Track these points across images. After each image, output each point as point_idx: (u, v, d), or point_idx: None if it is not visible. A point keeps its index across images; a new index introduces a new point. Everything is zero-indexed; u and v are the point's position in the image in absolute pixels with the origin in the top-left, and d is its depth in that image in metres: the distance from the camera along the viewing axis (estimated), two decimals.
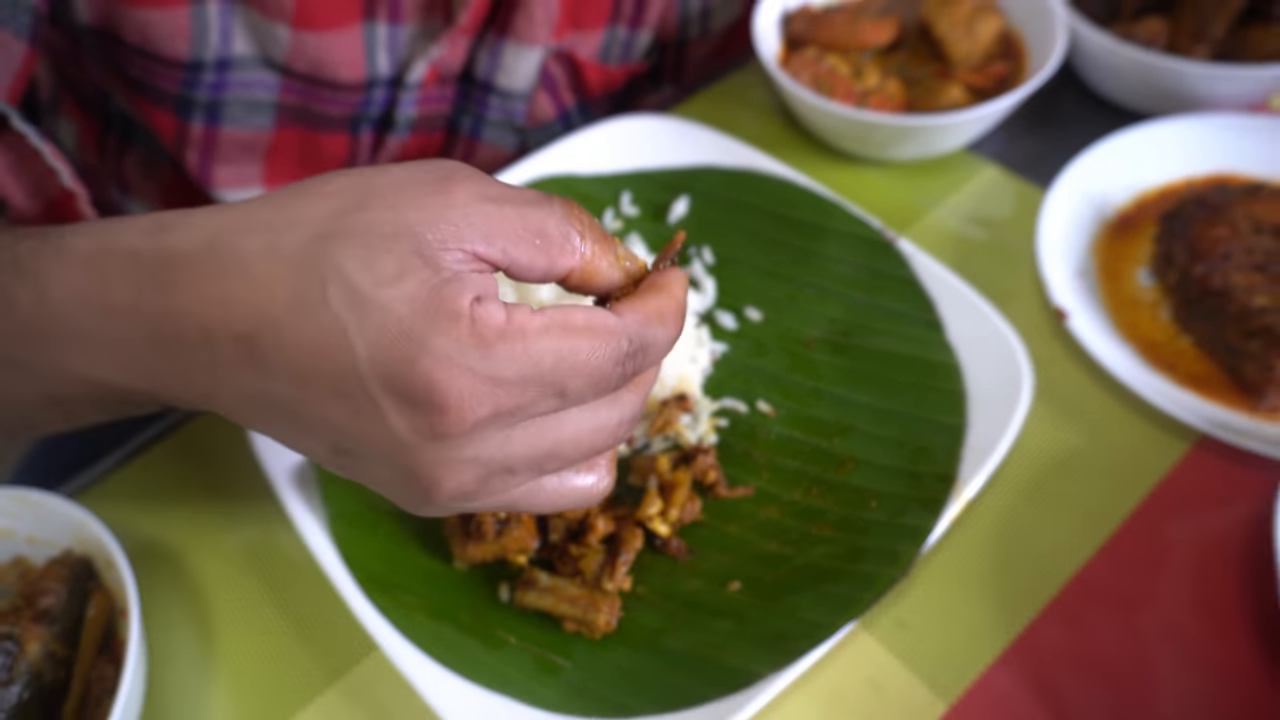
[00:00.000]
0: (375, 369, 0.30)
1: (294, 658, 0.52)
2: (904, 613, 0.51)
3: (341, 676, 0.51)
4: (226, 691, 0.51)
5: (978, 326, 0.57)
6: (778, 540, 0.52)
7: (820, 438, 0.56)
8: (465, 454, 0.32)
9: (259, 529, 0.57)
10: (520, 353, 0.31)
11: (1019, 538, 0.53)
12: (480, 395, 0.30)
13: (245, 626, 0.53)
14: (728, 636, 0.48)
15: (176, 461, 0.61)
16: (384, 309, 0.30)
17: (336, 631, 0.53)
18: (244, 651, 0.52)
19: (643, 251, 0.66)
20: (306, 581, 0.55)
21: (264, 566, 0.56)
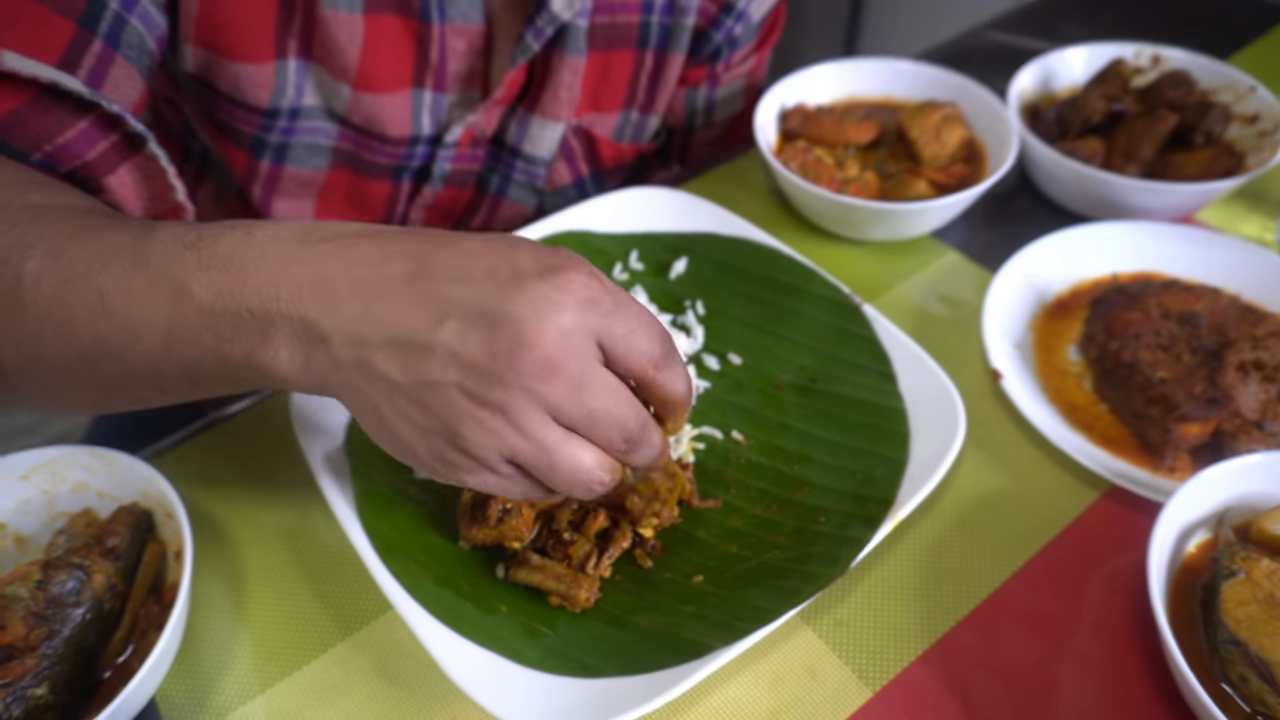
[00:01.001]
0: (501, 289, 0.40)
1: (313, 615, 0.60)
2: (843, 614, 0.59)
3: (354, 633, 0.59)
4: (253, 638, 0.59)
5: (924, 380, 0.67)
6: (739, 544, 0.61)
7: (783, 464, 0.65)
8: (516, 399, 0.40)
9: (292, 505, 0.66)
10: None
11: (947, 559, 0.61)
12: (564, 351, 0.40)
13: (272, 586, 0.62)
14: (688, 617, 0.56)
15: (226, 445, 0.70)
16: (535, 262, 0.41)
17: (352, 595, 0.61)
18: (270, 607, 0.61)
19: (644, 299, 0.76)
20: (329, 552, 0.63)
21: (293, 537, 0.64)
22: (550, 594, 0.58)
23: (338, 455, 0.64)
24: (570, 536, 0.60)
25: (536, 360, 0.40)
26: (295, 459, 0.66)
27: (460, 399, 0.40)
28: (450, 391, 0.40)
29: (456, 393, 0.40)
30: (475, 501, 0.60)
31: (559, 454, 0.43)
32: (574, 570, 0.58)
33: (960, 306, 0.78)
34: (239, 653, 0.58)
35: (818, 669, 0.56)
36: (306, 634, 0.59)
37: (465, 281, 0.40)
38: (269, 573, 0.62)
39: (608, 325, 0.42)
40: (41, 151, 0.56)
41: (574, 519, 0.61)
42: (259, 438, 0.70)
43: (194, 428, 0.71)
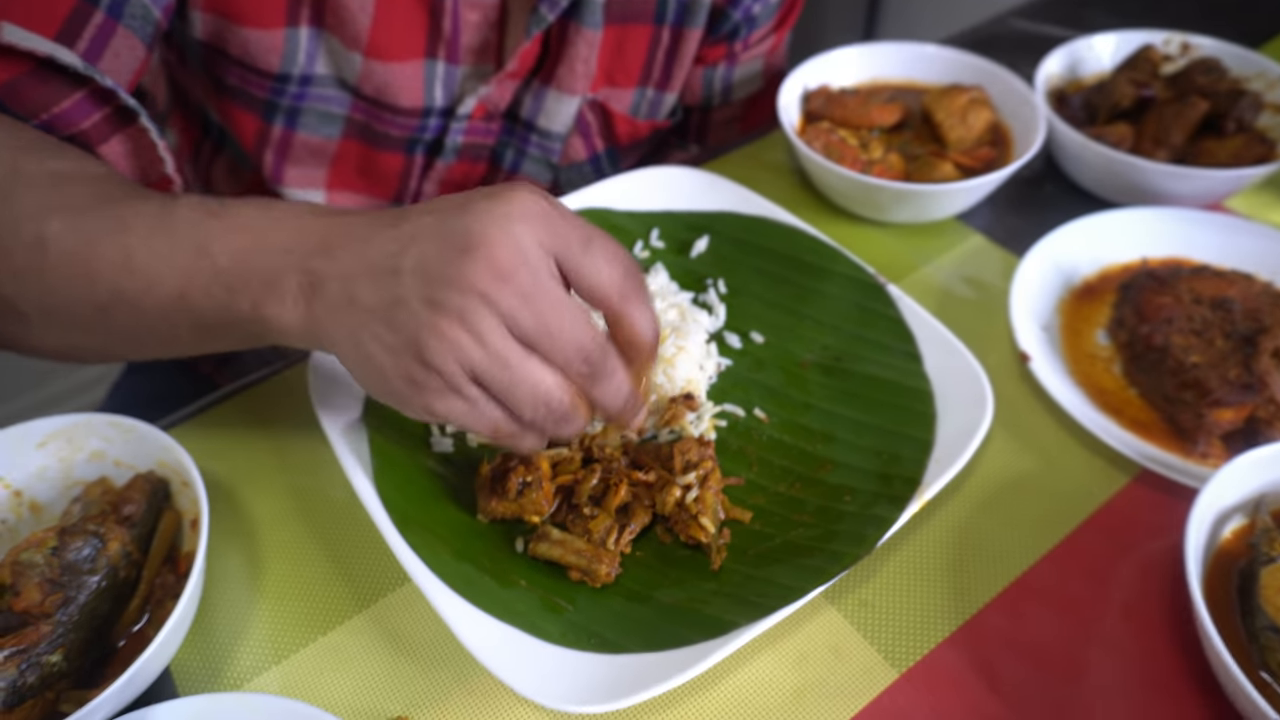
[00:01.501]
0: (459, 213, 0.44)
1: (330, 586, 0.59)
2: (868, 594, 0.58)
3: (371, 605, 0.58)
4: (269, 609, 0.58)
5: (951, 361, 0.66)
6: (762, 521, 0.60)
7: (806, 442, 0.64)
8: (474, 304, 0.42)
9: (309, 477, 0.65)
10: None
11: (974, 541, 0.60)
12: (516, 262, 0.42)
13: (289, 557, 0.61)
14: (711, 594, 0.56)
15: (244, 416, 0.69)
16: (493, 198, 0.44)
17: (369, 567, 0.60)
18: (286, 578, 0.60)
19: (665, 277, 0.75)
20: (346, 523, 0.62)
21: (310, 508, 0.63)
22: (570, 569, 0.57)
23: (355, 427, 0.63)
24: (591, 511, 0.59)
25: (488, 263, 0.42)
26: (313, 431, 0.66)
27: (421, 309, 0.43)
28: (413, 304, 0.43)
29: (418, 304, 0.43)
30: (495, 474, 0.59)
31: (518, 370, 0.44)
32: (594, 545, 0.58)
33: (985, 290, 0.77)
34: (255, 623, 0.57)
35: (842, 649, 0.55)
36: (323, 605, 0.58)
37: (431, 211, 0.45)
38: (285, 543, 0.61)
39: (564, 241, 0.44)
40: (38, 119, 0.57)
41: (595, 494, 0.60)
42: (276, 410, 0.69)
43: (211, 398, 0.71)
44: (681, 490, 0.59)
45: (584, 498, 0.60)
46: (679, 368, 0.66)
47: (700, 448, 0.62)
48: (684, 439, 0.62)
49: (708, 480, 0.59)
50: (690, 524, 0.58)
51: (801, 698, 0.53)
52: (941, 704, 0.53)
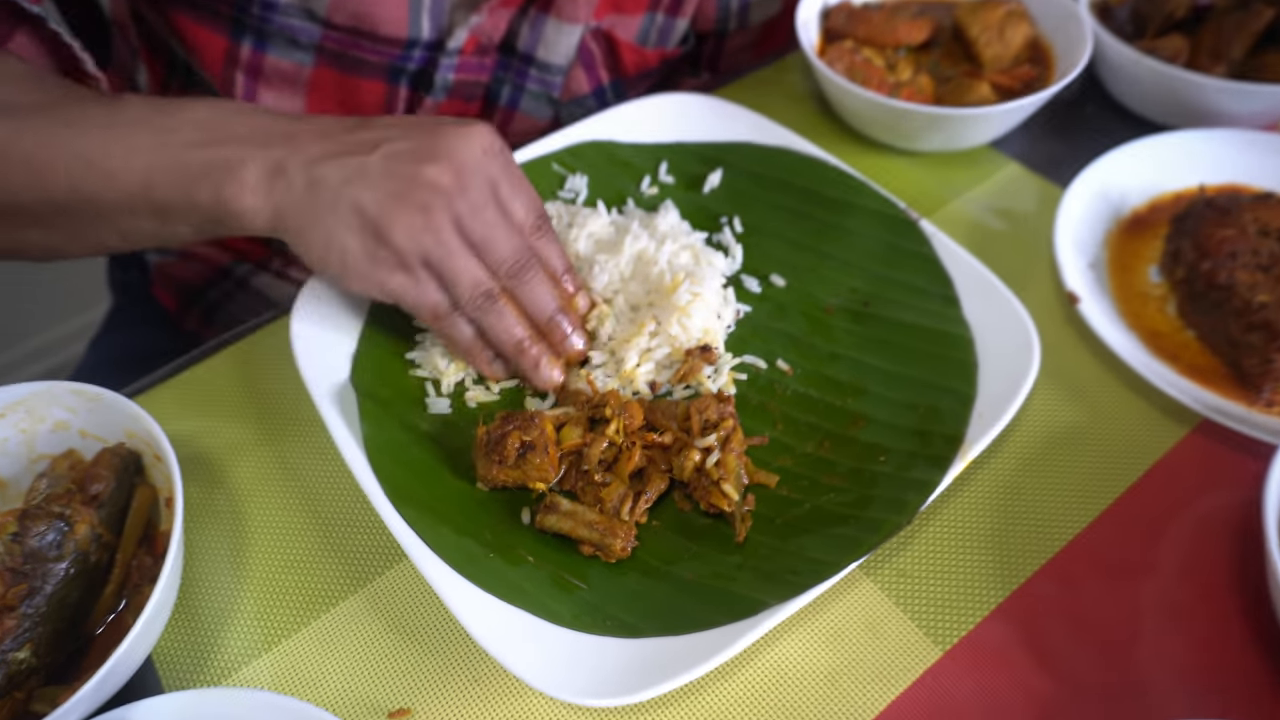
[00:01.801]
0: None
1: (322, 565, 0.55)
2: (906, 564, 0.53)
3: (366, 584, 0.54)
4: (257, 591, 0.54)
5: (992, 304, 0.60)
6: (789, 486, 0.55)
7: (834, 396, 0.59)
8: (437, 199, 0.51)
9: (296, 445, 0.60)
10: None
11: (1020, 504, 0.55)
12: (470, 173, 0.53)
13: (277, 534, 0.56)
14: (736, 569, 0.51)
15: (224, 374, 0.64)
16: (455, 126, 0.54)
17: (363, 543, 0.55)
18: (275, 557, 0.55)
19: (675, 218, 0.69)
20: (338, 494, 0.58)
21: (298, 477, 0.58)
22: (582, 543, 0.52)
23: (344, 391, 0.58)
24: (602, 478, 0.54)
25: (453, 172, 0.51)
26: (299, 392, 0.60)
27: (387, 198, 0.50)
28: (379, 192, 0.50)
29: (384, 193, 0.50)
30: (492, 437, 0.53)
31: (460, 259, 0.52)
32: (607, 516, 0.53)
33: (1023, 224, 0.71)
34: (242, 607, 0.53)
35: (880, 625, 0.51)
36: (315, 586, 0.54)
37: (398, 125, 0.54)
38: (272, 518, 0.57)
39: (502, 175, 0.54)
40: None
41: (606, 458, 0.55)
42: (260, 369, 0.64)
43: (189, 357, 0.65)
44: (701, 454, 0.54)
45: (594, 463, 0.55)
46: (694, 316, 0.60)
47: (719, 405, 0.57)
48: (701, 396, 0.57)
49: (729, 442, 0.54)
50: (711, 491, 0.53)
51: (836, 680, 0.49)
52: (988, 683, 0.48)
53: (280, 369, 0.63)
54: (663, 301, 0.61)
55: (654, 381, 0.60)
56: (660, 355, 0.60)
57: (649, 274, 0.64)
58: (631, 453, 0.55)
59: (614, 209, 0.70)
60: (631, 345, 0.60)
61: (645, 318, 0.61)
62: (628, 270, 0.65)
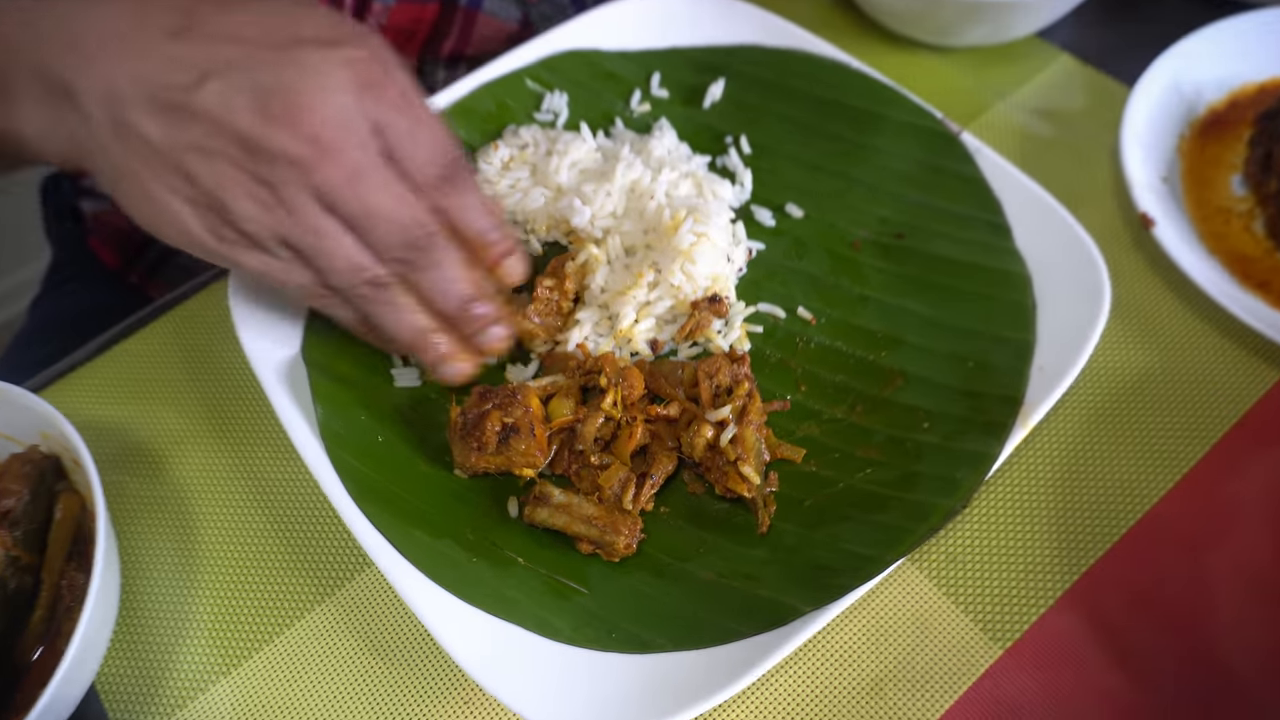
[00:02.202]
0: None
1: (282, 570, 0.48)
2: (955, 546, 0.46)
3: (333, 593, 0.47)
4: (209, 604, 0.47)
5: (1050, 232, 0.51)
6: (817, 461, 0.47)
7: (866, 349, 0.51)
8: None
9: (246, 429, 0.52)
10: None
11: (1086, 468, 0.48)
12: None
13: (229, 535, 0.49)
14: (761, 565, 0.44)
15: (160, 352, 0.56)
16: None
17: (329, 545, 0.48)
18: (228, 561, 0.48)
19: (672, 140, 0.59)
20: (297, 489, 0.50)
21: (250, 470, 0.51)
22: (579, 540, 0.45)
23: (295, 366, 0.50)
24: (600, 460, 0.47)
25: (308, 137, 0.38)
26: (247, 369, 0.52)
27: (227, 169, 0.38)
28: (216, 161, 0.38)
29: (222, 162, 0.38)
30: (468, 419, 0.46)
31: (329, 240, 0.40)
32: (608, 506, 0.45)
33: (1075, 127, 0.61)
34: (194, 624, 0.46)
35: (930, 621, 0.44)
36: (276, 596, 0.47)
37: (234, 41, 0.39)
38: (224, 520, 0.50)
39: (390, 118, 0.40)
40: None
41: (602, 436, 0.47)
42: (201, 342, 0.56)
43: (117, 331, 0.57)
44: (713, 429, 0.46)
45: (589, 442, 0.47)
46: (700, 261, 0.51)
47: (732, 366, 0.48)
48: (710, 356, 0.48)
49: (746, 412, 0.46)
50: (728, 474, 0.45)
51: (881, 689, 0.42)
52: (1056, 685, 0.42)
53: (225, 339, 0.55)
54: (662, 244, 0.52)
55: (655, 340, 0.51)
56: (661, 309, 0.51)
57: (644, 209, 0.55)
58: (632, 429, 0.47)
59: (600, 132, 0.61)
60: (627, 298, 0.51)
61: (643, 265, 0.52)
62: (619, 205, 0.55)
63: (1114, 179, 0.57)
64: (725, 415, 0.46)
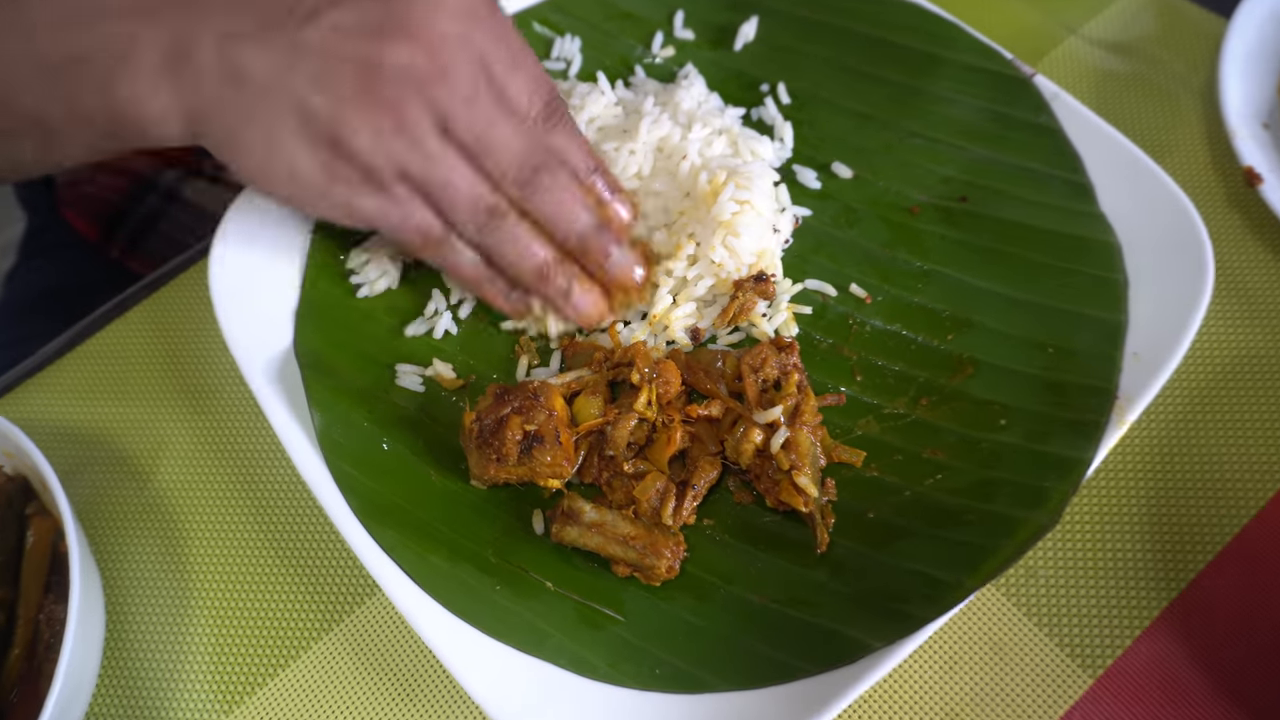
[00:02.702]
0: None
1: (283, 593, 0.43)
2: (1036, 560, 0.41)
3: (341, 620, 0.42)
4: (206, 635, 0.43)
5: (1141, 193, 0.45)
6: (879, 464, 0.42)
7: (930, 333, 0.45)
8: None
9: (238, 432, 0.48)
10: None
11: (1182, 466, 0.42)
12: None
13: (223, 553, 0.45)
14: (820, 589, 0.39)
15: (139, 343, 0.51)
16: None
17: (335, 566, 0.44)
18: (223, 584, 0.44)
19: (701, 90, 0.52)
20: (297, 502, 0.45)
21: (245, 480, 0.46)
22: (615, 561, 0.40)
23: (286, 362, 0.44)
24: (634, 467, 0.42)
25: (428, 54, 0.39)
26: (231, 366, 0.47)
27: (343, 97, 0.38)
28: (332, 90, 0.38)
29: (339, 90, 0.38)
30: (484, 425, 0.40)
31: (450, 167, 0.40)
32: (645, 522, 0.40)
33: (1158, 64, 0.54)
34: (190, 657, 0.42)
35: (1009, 645, 0.39)
36: (277, 624, 0.43)
37: None
38: (217, 538, 0.45)
39: (494, 49, 0.40)
40: None
41: (636, 440, 0.42)
42: (182, 332, 0.51)
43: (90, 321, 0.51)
44: (763, 432, 0.40)
45: (621, 448, 0.42)
46: (743, 233, 0.45)
47: (780, 355, 0.43)
48: (754, 346, 0.43)
49: (799, 413, 0.41)
50: (781, 485, 0.40)
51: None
52: (1154, 719, 0.37)
53: (209, 327, 0.49)
54: (699, 213, 0.46)
55: (695, 328, 0.45)
56: (701, 290, 0.45)
57: (675, 172, 0.48)
58: (670, 432, 0.42)
59: (619, 81, 0.54)
60: (662, 275, 0.45)
61: (679, 236, 0.46)
62: (646, 166, 0.49)
63: (1206, 126, 0.50)
64: (775, 416, 0.40)
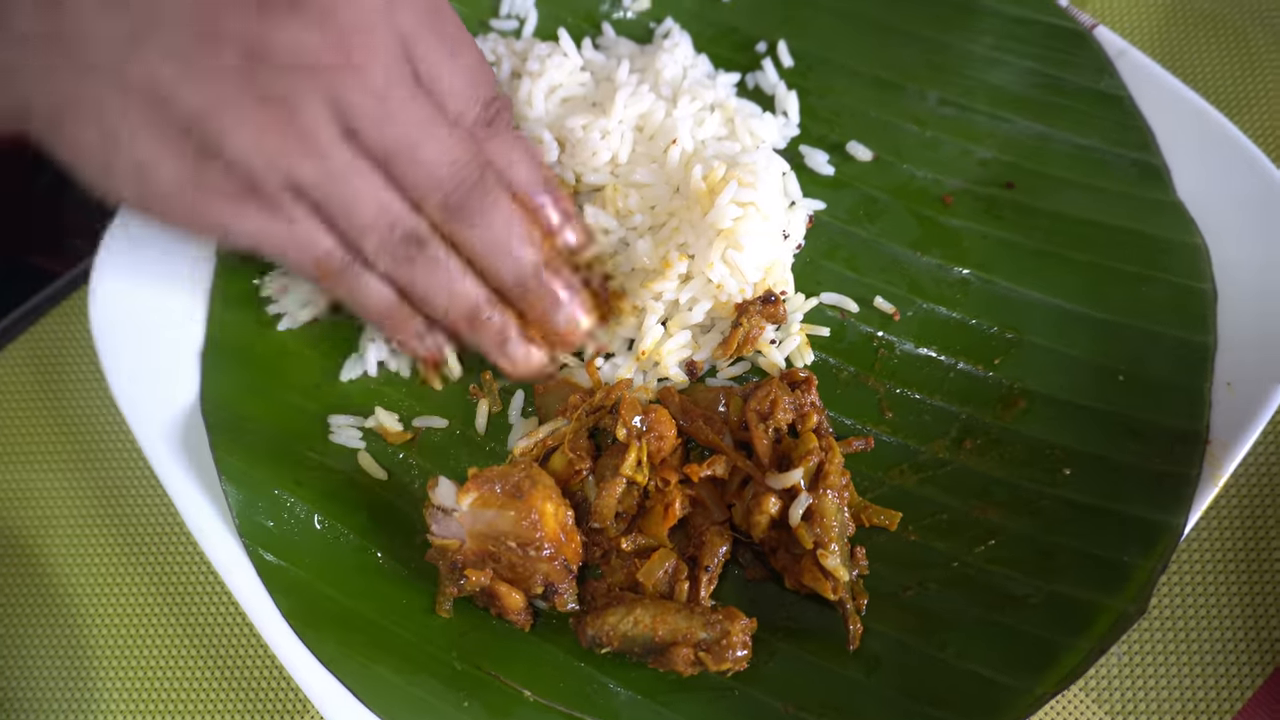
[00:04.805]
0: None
1: (208, 706, 0.36)
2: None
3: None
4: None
5: (1231, 175, 0.37)
6: (918, 528, 0.35)
7: (972, 357, 0.38)
8: None
9: (140, 505, 0.40)
10: None
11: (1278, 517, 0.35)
12: None
13: (133, 654, 0.37)
14: (855, 692, 0.32)
15: (16, 391, 0.42)
16: None
17: (269, 668, 0.36)
18: (135, 697, 0.36)
19: (687, 52, 0.43)
20: (216, 591, 0.38)
21: (150, 563, 0.39)
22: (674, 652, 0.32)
23: (190, 422, 0.36)
24: (634, 544, 0.34)
25: (335, 35, 0.30)
26: (111, 427, 0.39)
27: (219, 83, 0.29)
28: (202, 72, 0.29)
29: (213, 74, 0.29)
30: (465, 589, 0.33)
31: (356, 181, 0.32)
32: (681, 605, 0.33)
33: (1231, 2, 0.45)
34: None
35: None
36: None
37: None
38: (127, 639, 0.38)
39: (426, 38, 0.33)
40: None
41: (625, 509, 0.35)
42: (67, 376, 0.42)
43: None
44: (780, 500, 0.33)
45: (608, 518, 0.34)
46: (747, 244, 0.37)
47: (796, 394, 0.35)
48: (761, 386, 0.35)
49: (823, 474, 0.33)
50: (803, 566, 0.33)
51: None
52: None
53: (100, 374, 0.41)
54: (693, 218, 0.37)
55: (692, 361, 0.37)
56: (698, 315, 0.37)
57: (661, 159, 0.40)
58: (666, 498, 0.34)
59: (585, 40, 0.44)
60: (649, 297, 0.37)
61: (668, 249, 0.37)
62: (623, 150, 0.41)
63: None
64: (795, 481, 0.33)
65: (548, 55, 0.43)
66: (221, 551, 0.34)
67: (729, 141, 0.40)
